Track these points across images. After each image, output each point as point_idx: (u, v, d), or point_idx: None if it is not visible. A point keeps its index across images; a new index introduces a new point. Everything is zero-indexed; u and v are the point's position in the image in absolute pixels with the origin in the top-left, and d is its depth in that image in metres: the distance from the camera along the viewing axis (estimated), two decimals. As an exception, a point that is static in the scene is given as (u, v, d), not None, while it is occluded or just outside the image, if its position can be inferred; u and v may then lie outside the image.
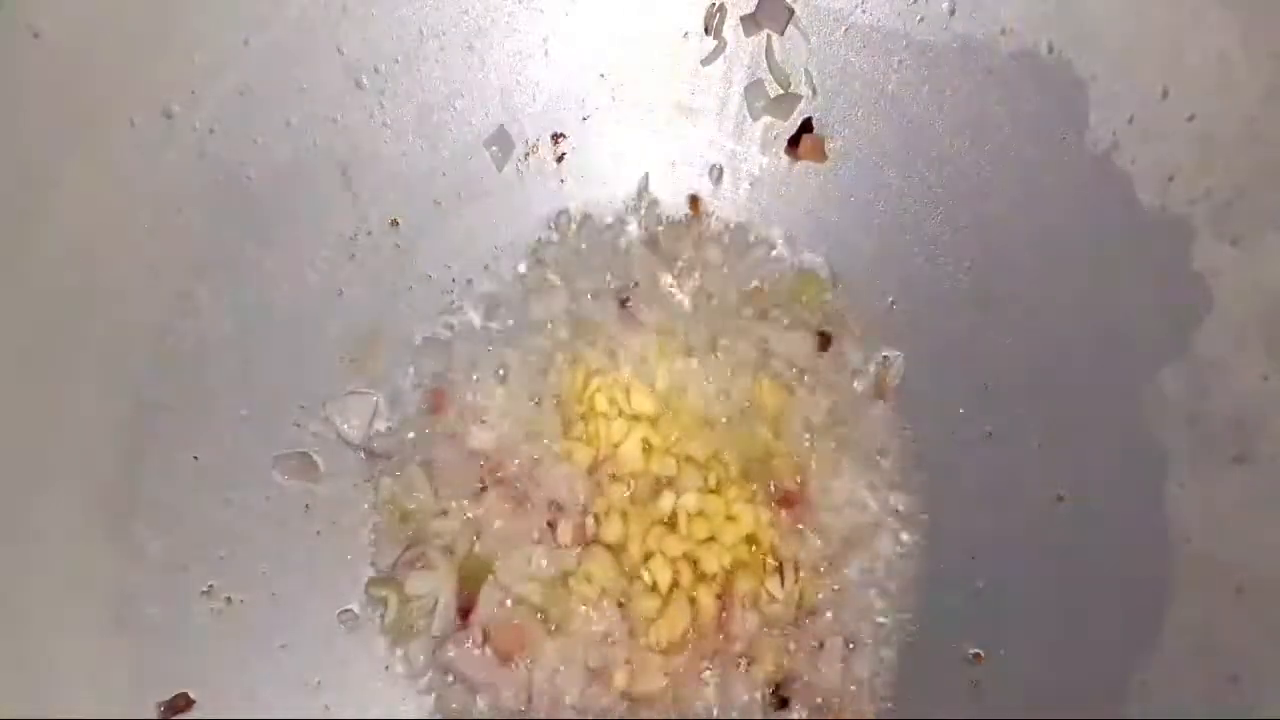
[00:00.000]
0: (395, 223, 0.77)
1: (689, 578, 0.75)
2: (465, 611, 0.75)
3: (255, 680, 0.73)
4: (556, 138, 0.79)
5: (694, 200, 0.80)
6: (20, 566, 0.68)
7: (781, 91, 0.77)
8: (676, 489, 0.76)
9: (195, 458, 0.73)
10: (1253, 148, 0.69)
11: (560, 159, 0.79)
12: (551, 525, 0.75)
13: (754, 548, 0.76)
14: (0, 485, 0.68)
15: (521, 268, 0.79)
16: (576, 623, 0.74)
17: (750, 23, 0.76)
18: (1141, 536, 0.72)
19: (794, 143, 0.78)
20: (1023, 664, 0.74)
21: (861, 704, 0.76)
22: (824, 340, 0.78)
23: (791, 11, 0.75)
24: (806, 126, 0.78)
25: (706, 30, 0.77)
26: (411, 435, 0.77)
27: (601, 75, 0.78)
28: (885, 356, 0.79)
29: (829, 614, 0.76)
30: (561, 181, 0.79)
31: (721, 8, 0.76)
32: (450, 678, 0.75)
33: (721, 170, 0.80)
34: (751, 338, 0.78)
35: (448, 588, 0.75)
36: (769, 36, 0.76)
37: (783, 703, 0.75)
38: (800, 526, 0.76)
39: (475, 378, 0.77)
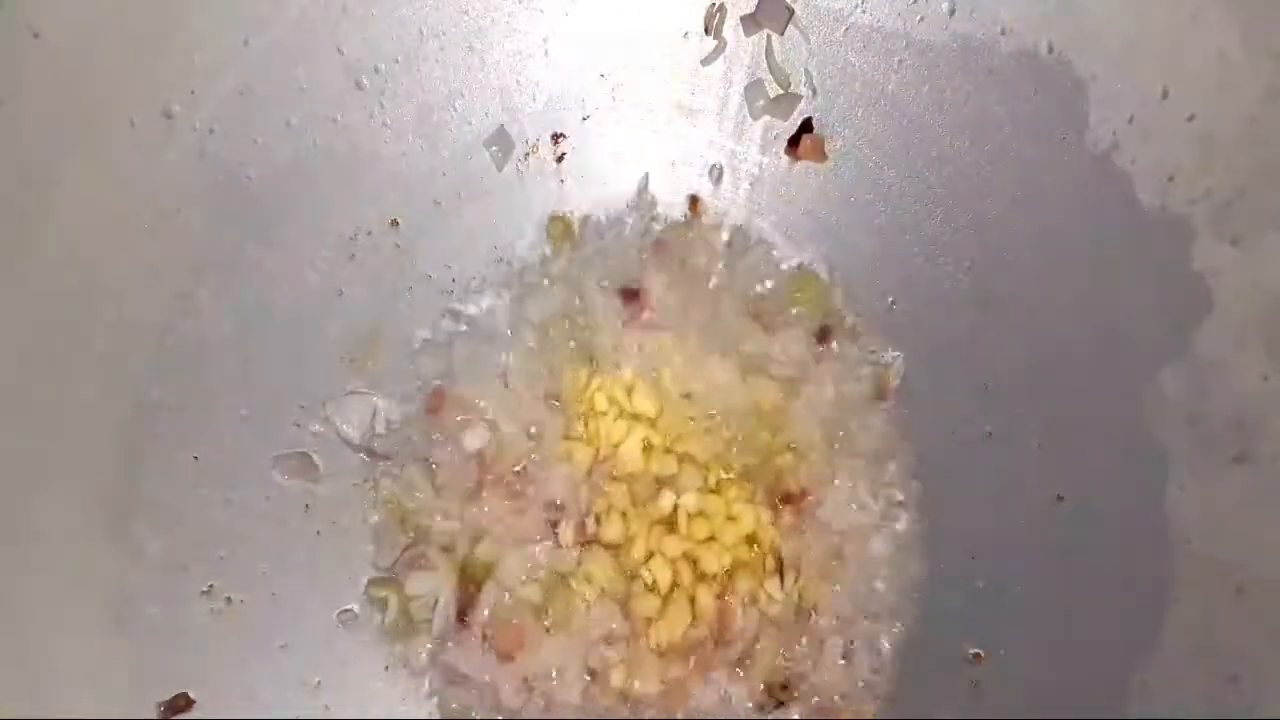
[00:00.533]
0: (395, 223, 0.77)
1: (689, 578, 0.75)
2: (465, 611, 0.75)
3: (255, 680, 0.73)
4: (556, 138, 0.79)
5: (694, 200, 0.80)
6: (20, 566, 0.68)
7: (781, 91, 0.77)
8: (676, 489, 0.76)
9: (195, 458, 0.73)
10: (1253, 148, 0.69)
11: (560, 159, 0.79)
12: (552, 525, 0.75)
13: (754, 548, 0.76)
14: (0, 485, 0.68)
15: (521, 267, 0.79)
16: (576, 623, 0.74)
17: (750, 23, 0.76)
18: (1141, 536, 0.72)
19: (794, 143, 0.78)
20: (1023, 664, 0.74)
21: (861, 704, 0.76)
22: (822, 336, 0.78)
23: (791, 11, 0.75)
24: (806, 126, 0.78)
25: (706, 30, 0.77)
26: (412, 435, 0.77)
27: (601, 75, 0.78)
28: (885, 357, 0.79)
29: (829, 614, 0.76)
30: (561, 181, 0.79)
31: (721, 8, 0.76)
32: (450, 678, 0.75)
33: (721, 170, 0.80)
34: (751, 337, 0.78)
35: (448, 588, 0.75)
36: (769, 36, 0.76)
37: (782, 703, 0.75)
38: (800, 526, 0.76)
39: (475, 378, 0.77)
